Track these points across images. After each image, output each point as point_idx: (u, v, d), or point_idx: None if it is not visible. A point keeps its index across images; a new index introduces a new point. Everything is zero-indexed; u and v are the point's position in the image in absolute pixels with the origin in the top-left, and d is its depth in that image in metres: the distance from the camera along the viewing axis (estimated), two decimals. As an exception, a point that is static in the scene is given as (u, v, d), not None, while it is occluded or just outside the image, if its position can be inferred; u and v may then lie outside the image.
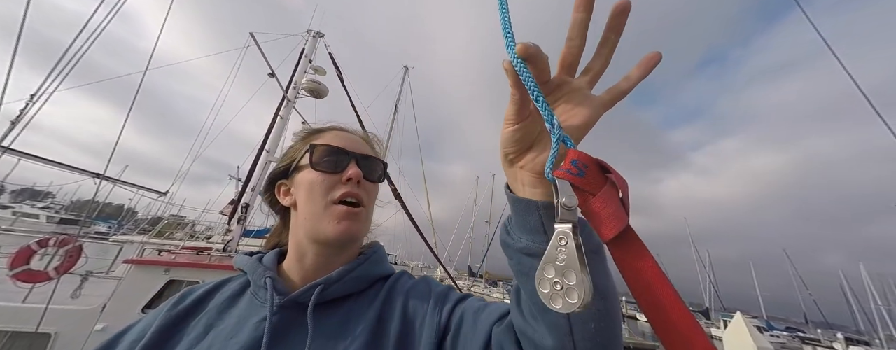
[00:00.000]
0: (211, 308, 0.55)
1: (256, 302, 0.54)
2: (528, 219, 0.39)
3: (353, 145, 0.61)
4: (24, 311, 3.49)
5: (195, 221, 10.35)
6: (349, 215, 0.54)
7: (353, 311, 0.53)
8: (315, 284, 0.52)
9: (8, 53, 2.30)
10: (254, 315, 0.51)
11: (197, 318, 0.53)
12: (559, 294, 0.28)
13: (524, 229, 0.39)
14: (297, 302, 0.51)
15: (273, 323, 0.48)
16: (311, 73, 6.80)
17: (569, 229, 0.29)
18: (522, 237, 0.39)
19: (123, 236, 8.88)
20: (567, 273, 0.28)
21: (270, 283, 0.52)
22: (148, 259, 4.24)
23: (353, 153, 0.59)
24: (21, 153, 3.87)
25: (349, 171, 0.56)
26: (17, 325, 3.43)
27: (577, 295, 0.27)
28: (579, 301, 0.27)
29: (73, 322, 3.53)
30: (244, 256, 0.61)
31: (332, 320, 0.51)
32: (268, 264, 0.58)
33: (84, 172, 5.16)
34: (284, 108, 6.15)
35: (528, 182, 0.40)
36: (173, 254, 5.08)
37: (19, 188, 13.24)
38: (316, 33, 7.16)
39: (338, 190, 0.55)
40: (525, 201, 0.39)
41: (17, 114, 2.61)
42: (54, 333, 3.48)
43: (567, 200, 0.30)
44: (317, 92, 6.59)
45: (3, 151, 2.66)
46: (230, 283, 0.60)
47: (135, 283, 3.84)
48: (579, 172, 0.31)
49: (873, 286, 28.57)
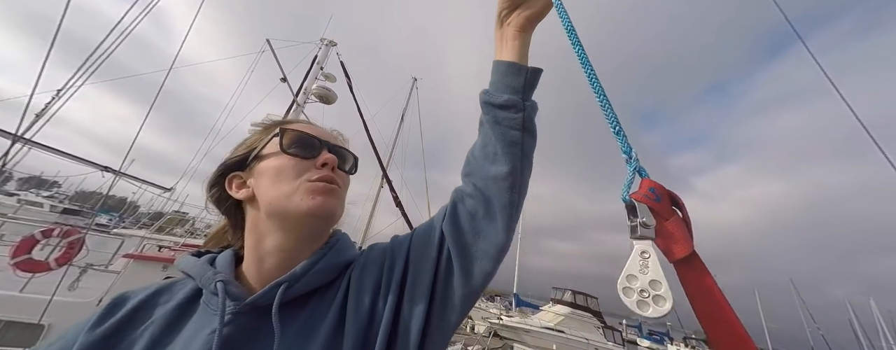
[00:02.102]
0: (156, 319, 0.47)
1: (209, 311, 0.46)
2: (514, 80, 0.53)
3: (325, 135, 0.59)
4: (21, 300, 3.50)
5: (196, 218, 10.40)
6: (326, 190, 0.51)
7: (321, 305, 0.48)
8: (278, 282, 0.47)
9: (35, 47, 2.40)
10: (206, 326, 0.44)
11: (137, 332, 0.46)
12: (647, 301, 0.33)
13: (507, 89, 0.53)
14: (258, 305, 0.46)
15: (225, 334, 0.42)
16: (321, 79, 6.98)
17: (650, 246, 0.35)
18: (504, 94, 0.53)
19: (125, 230, 8.92)
20: (654, 284, 0.33)
21: (221, 287, 0.45)
22: (147, 255, 4.26)
23: (325, 141, 0.57)
24: (39, 145, 3.97)
25: (324, 157, 0.54)
26: (12, 314, 3.43)
27: (665, 302, 0.32)
28: (669, 306, 0.32)
29: (68, 314, 3.52)
30: (189, 257, 0.53)
31: (299, 319, 0.46)
32: (221, 266, 0.51)
33: (94, 165, 5.26)
34: (293, 111, 6.28)
35: (511, 36, 0.56)
36: (173, 250, 5.10)
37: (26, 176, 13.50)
38: (329, 42, 7.38)
39: (312, 174, 0.52)
40: (517, 66, 0.53)
41: (43, 107, 2.72)
42: (48, 325, 3.47)
43: (647, 220, 0.36)
44: (326, 98, 6.74)
45: (24, 143, 2.74)
46: (178, 287, 0.53)
47: (132, 278, 3.85)
48: (656, 198, 0.36)
49: (884, 323, 27.54)
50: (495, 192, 0.50)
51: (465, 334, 11.28)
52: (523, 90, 0.53)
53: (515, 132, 0.51)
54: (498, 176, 0.50)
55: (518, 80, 0.53)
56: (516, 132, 0.51)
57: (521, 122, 0.51)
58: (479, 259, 0.48)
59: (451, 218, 0.51)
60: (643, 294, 0.33)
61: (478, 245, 0.49)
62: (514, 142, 0.51)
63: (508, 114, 0.52)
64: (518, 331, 12.65)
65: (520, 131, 0.51)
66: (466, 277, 0.48)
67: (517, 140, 0.51)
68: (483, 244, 0.49)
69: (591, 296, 17.03)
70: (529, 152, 0.53)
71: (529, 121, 0.53)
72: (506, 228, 0.49)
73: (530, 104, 0.53)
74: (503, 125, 0.51)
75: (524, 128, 0.52)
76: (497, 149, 0.51)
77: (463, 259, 0.48)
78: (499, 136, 0.51)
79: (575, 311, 15.46)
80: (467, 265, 0.48)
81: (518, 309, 18.76)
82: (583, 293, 16.94)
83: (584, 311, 15.80)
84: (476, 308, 16.22)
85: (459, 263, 0.48)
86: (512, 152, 0.50)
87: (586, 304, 16.43)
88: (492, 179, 0.50)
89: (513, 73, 0.53)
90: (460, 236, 0.49)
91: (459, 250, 0.49)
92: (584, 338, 13.30)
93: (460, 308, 0.48)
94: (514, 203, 0.50)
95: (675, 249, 0.34)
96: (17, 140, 2.72)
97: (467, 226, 0.50)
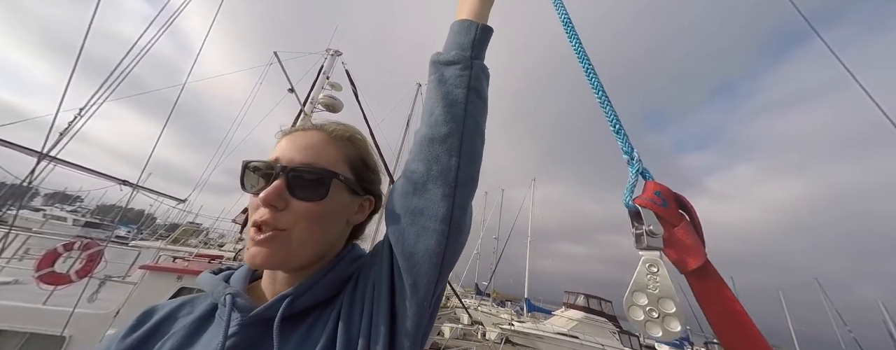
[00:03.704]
0: (176, 331, 0.49)
1: (221, 323, 0.48)
2: (464, 37, 0.52)
3: (293, 152, 0.51)
4: (44, 312, 3.62)
5: (209, 229, 10.62)
6: (257, 241, 0.47)
7: (320, 319, 0.48)
8: (283, 296, 0.48)
9: (58, 68, 2.53)
10: (216, 337, 0.45)
11: (160, 342, 0.48)
12: (656, 322, 0.29)
13: (456, 47, 0.52)
14: (263, 317, 0.47)
15: (229, 345, 0.44)
16: (327, 88, 7.13)
17: (658, 257, 0.31)
18: (451, 51, 0.51)
19: (142, 242, 9.19)
20: (663, 303, 0.29)
21: (230, 299, 0.47)
22: (162, 265, 4.36)
23: (274, 168, 0.49)
24: (64, 161, 4.15)
25: (256, 198, 0.48)
26: (36, 326, 3.55)
27: (677, 323, 0.28)
28: (681, 328, 0.28)
29: (87, 326, 3.63)
30: (207, 275, 0.56)
31: (298, 332, 0.47)
32: (234, 282, 0.53)
33: (113, 179, 5.45)
34: (301, 121, 6.42)
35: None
36: (186, 261, 5.21)
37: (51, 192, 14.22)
38: (335, 52, 7.55)
39: (255, 214, 0.49)
40: (468, 22, 0.52)
41: (66, 125, 2.85)
42: (69, 337, 3.57)
43: (654, 228, 0.31)
44: (332, 107, 6.87)
45: (50, 160, 2.87)
46: (199, 302, 0.55)
47: (148, 288, 3.94)
48: (663, 203, 0.33)
49: (921, 323, 25.89)
50: (431, 157, 0.45)
51: (476, 341, 11.12)
52: (472, 47, 0.51)
53: (459, 90, 0.48)
54: (434, 137, 0.46)
55: (467, 37, 0.52)
56: (461, 90, 0.48)
57: (467, 80, 0.49)
58: (420, 237, 0.44)
59: (387, 208, 0.49)
60: (652, 313, 0.30)
61: (415, 224, 0.45)
62: (457, 101, 0.48)
63: (454, 70, 0.50)
64: (531, 337, 12.40)
65: (464, 90, 0.48)
66: (410, 263, 0.44)
67: (461, 98, 0.48)
68: (421, 220, 0.44)
69: (606, 299, 16.59)
70: (475, 114, 0.49)
71: (476, 80, 0.50)
72: (443, 196, 0.44)
73: (478, 64, 0.51)
74: (448, 84, 0.49)
75: (469, 87, 0.49)
76: (438, 110, 0.48)
77: (402, 245, 0.45)
78: (442, 96, 0.48)
79: (589, 316, 15.08)
80: (408, 248, 0.44)
81: (530, 314, 18.40)
82: (596, 297, 16.52)
83: (599, 316, 15.40)
84: (487, 314, 15.97)
85: (400, 251, 0.45)
86: (453, 112, 0.47)
87: (600, 308, 16.00)
88: (427, 144, 0.46)
89: (463, 30, 0.53)
90: (395, 218, 0.47)
91: (396, 238, 0.46)
92: (600, 343, 12.92)
93: (419, 306, 0.44)
94: (452, 168, 0.45)
95: (687, 260, 0.31)
96: (43, 158, 2.85)
97: (400, 206, 0.47)
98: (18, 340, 3.52)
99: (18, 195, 3.06)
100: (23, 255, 4.58)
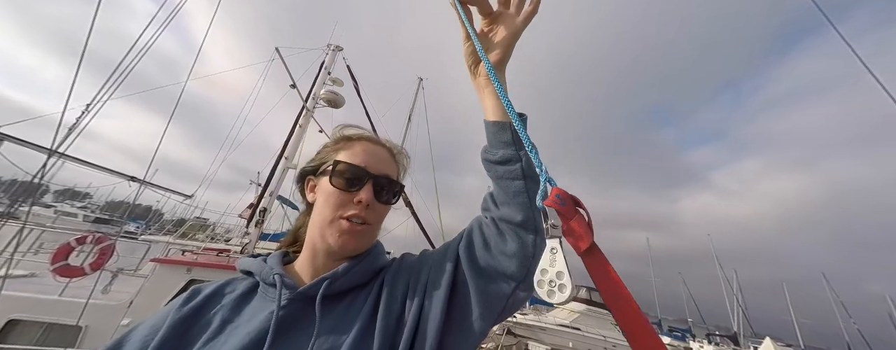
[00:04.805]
0: (225, 303, 0.58)
1: (267, 299, 0.58)
2: (503, 135, 0.57)
3: (376, 163, 0.64)
4: (61, 303, 3.76)
5: (216, 224, 10.81)
6: (352, 231, 0.59)
7: (357, 299, 0.58)
8: (323, 278, 0.57)
9: (68, 68, 2.58)
10: (265, 309, 0.55)
11: (211, 313, 0.57)
12: (555, 290, 0.39)
13: (500, 145, 0.57)
14: (306, 295, 0.56)
15: (280, 316, 0.53)
16: (329, 84, 7.13)
17: (558, 243, 0.40)
18: (498, 151, 0.57)
19: (151, 236, 9.39)
20: (560, 275, 0.39)
21: (279, 279, 0.57)
22: (172, 258, 4.48)
23: (371, 174, 0.62)
24: (72, 158, 4.25)
25: (361, 194, 0.60)
26: (53, 316, 3.69)
27: (568, 290, 0.38)
28: (570, 294, 0.38)
29: (102, 316, 3.76)
30: (249, 259, 0.66)
31: (338, 309, 0.56)
32: (272, 264, 0.62)
33: (121, 175, 5.56)
34: (303, 117, 6.45)
35: (483, 84, 0.60)
36: (195, 254, 5.34)
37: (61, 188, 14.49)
38: (335, 47, 7.53)
39: (348, 209, 0.60)
40: (501, 123, 0.57)
41: (74, 122, 2.92)
42: (85, 326, 3.71)
43: (555, 222, 0.41)
44: (334, 102, 6.87)
45: (59, 157, 2.95)
46: (238, 282, 0.64)
47: (159, 280, 4.06)
48: (562, 203, 0.42)
49: (927, 316, 25.72)
50: (511, 233, 0.54)
51: (479, 333, 11.24)
52: (514, 143, 0.56)
53: (518, 182, 0.55)
54: (512, 221, 0.54)
55: (506, 134, 0.56)
56: (519, 182, 0.55)
57: (521, 171, 0.55)
58: (494, 281, 0.53)
59: (467, 243, 0.58)
60: (552, 284, 0.39)
61: (491, 267, 0.54)
62: (520, 191, 0.54)
63: (507, 167, 0.56)
64: (533, 328, 12.56)
65: (522, 180, 0.55)
66: (483, 296, 0.53)
67: (522, 188, 0.54)
68: (497, 265, 0.53)
69: (608, 292, 16.60)
70: (535, 195, 0.56)
71: (528, 167, 0.55)
72: (520, 266, 0.52)
73: (524, 153, 0.56)
74: (506, 178, 0.56)
75: (525, 176, 0.55)
76: (507, 199, 0.55)
77: (478, 280, 0.54)
78: (504, 189, 0.55)
79: (591, 308, 15.20)
80: (482, 285, 0.54)
81: (532, 306, 18.61)
82: (598, 290, 16.57)
83: (601, 308, 15.53)
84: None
85: (474, 283, 0.54)
86: (520, 202, 0.54)
87: (602, 300, 16.08)
88: (506, 223, 0.54)
89: (499, 130, 0.57)
90: (473, 262, 0.55)
91: (473, 272, 0.55)
92: (601, 335, 13.06)
93: (481, 321, 0.53)
94: (529, 244, 0.52)
95: (579, 244, 0.39)
96: (53, 154, 2.92)
97: (480, 251, 0.55)
98: (38, 330, 3.67)
99: (31, 191, 3.15)
100: (38, 249, 4.73)
